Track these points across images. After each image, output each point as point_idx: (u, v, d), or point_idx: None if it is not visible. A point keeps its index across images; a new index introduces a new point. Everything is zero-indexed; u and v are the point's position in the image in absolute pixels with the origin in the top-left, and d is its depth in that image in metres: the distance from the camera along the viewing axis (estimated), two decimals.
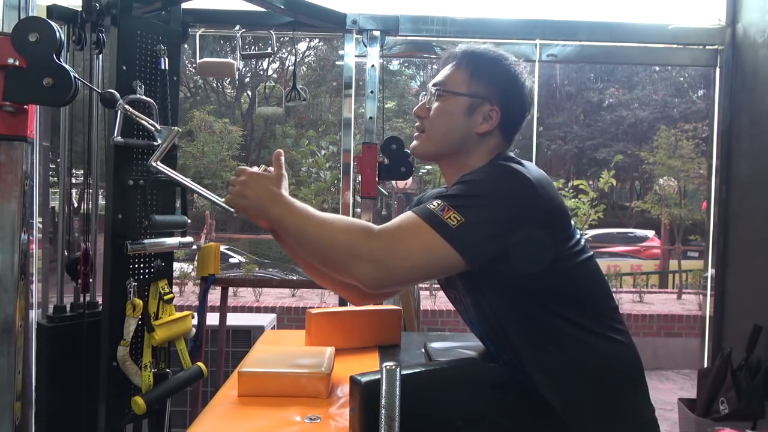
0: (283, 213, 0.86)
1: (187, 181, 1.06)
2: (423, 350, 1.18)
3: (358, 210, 2.27)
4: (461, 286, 0.92)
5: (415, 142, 0.97)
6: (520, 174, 0.81)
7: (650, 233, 11.10)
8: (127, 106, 1.23)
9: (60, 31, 1.03)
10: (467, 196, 0.79)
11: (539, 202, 0.80)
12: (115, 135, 1.38)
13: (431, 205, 0.79)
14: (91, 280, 1.59)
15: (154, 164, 1.04)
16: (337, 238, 0.80)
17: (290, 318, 4.34)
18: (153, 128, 1.20)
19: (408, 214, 0.81)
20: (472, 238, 0.77)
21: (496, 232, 0.78)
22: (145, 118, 1.24)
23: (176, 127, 1.18)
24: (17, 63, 0.97)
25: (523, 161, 0.88)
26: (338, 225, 0.82)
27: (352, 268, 0.79)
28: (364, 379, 0.73)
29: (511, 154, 0.94)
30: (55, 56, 1.00)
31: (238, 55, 2.03)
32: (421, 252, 0.77)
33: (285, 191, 0.90)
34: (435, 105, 0.93)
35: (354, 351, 1.25)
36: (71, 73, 1.01)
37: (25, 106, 0.99)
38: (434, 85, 0.95)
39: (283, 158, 0.97)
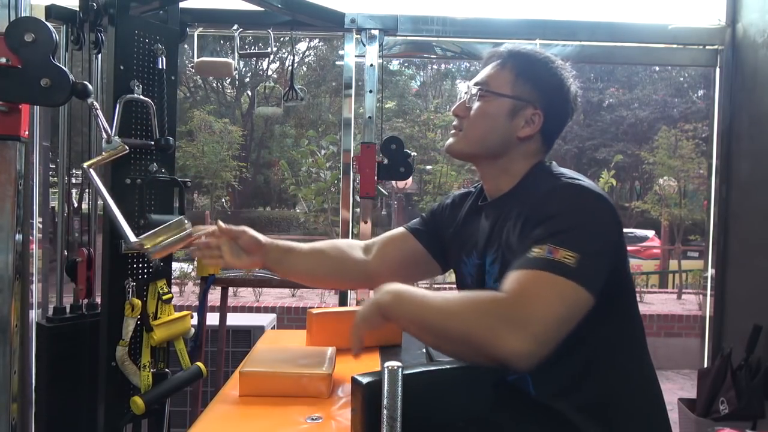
0: (396, 301, 0.77)
1: (110, 202, 1.02)
2: (424, 350, 1.18)
3: (358, 210, 2.26)
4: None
5: (450, 140, 0.93)
6: (596, 193, 0.79)
7: (650, 233, 11.11)
8: (95, 103, 1.22)
9: (54, 32, 1.03)
10: (567, 230, 0.74)
11: (618, 218, 0.80)
12: (113, 135, 1.37)
13: (534, 254, 0.73)
14: (93, 283, 1.58)
15: (86, 167, 1.02)
16: (467, 318, 0.71)
17: (290, 318, 4.34)
18: (106, 136, 1.19)
19: (519, 273, 0.73)
20: (591, 271, 0.73)
21: (606, 257, 0.76)
22: (105, 125, 1.22)
23: (125, 146, 1.15)
24: (10, 62, 0.97)
25: (574, 173, 0.86)
26: (463, 304, 0.73)
27: (496, 345, 0.68)
28: (365, 380, 0.73)
29: (554, 163, 0.92)
30: (51, 57, 1.00)
31: (236, 54, 2.02)
32: (558, 302, 0.70)
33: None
34: (476, 105, 0.90)
35: None
36: (68, 74, 1.00)
37: (18, 106, 0.98)
38: (476, 84, 0.92)
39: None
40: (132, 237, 0.93)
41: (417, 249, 1.06)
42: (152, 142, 1.49)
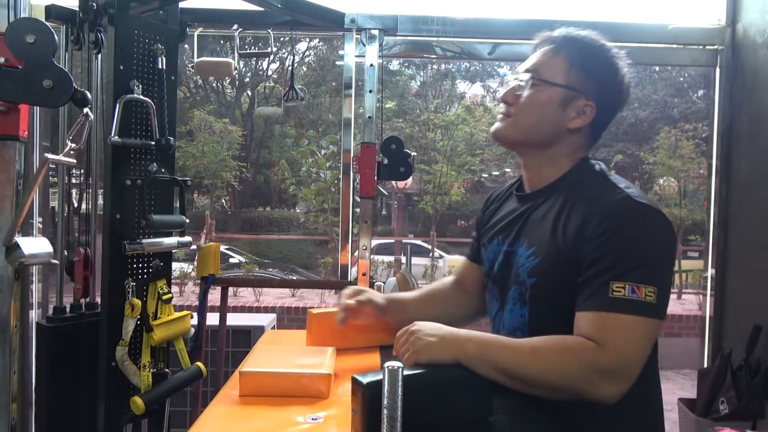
0: (478, 349, 0.78)
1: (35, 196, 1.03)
2: None
3: (358, 210, 2.26)
4: (526, 303, 0.87)
5: (498, 125, 0.91)
6: (660, 214, 0.80)
7: None
8: (90, 114, 1.23)
9: (55, 34, 1.03)
10: (646, 264, 0.76)
11: (675, 234, 0.82)
12: (113, 135, 1.37)
13: (615, 293, 0.75)
14: (90, 282, 1.58)
15: (49, 157, 1.02)
16: (564, 369, 0.75)
17: (290, 318, 4.34)
18: (69, 142, 1.18)
19: (606, 317, 0.75)
20: (666, 299, 0.78)
21: (672, 278, 0.83)
22: (83, 134, 1.23)
23: (49, 159, 1.14)
24: (9, 62, 0.97)
25: (619, 178, 0.86)
26: (559, 351, 0.76)
27: (594, 393, 0.74)
28: (366, 380, 0.73)
29: (600, 164, 0.90)
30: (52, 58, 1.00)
31: (236, 54, 2.02)
32: (646, 342, 0.76)
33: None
34: (526, 93, 0.87)
35: (355, 351, 1.25)
36: (70, 76, 1.00)
37: (17, 106, 0.98)
38: (527, 71, 0.89)
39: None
40: None
41: (480, 270, 1.06)
42: (152, 142, 1.49)
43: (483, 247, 0.99)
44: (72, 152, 1.10)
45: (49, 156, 1.01)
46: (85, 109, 1.18)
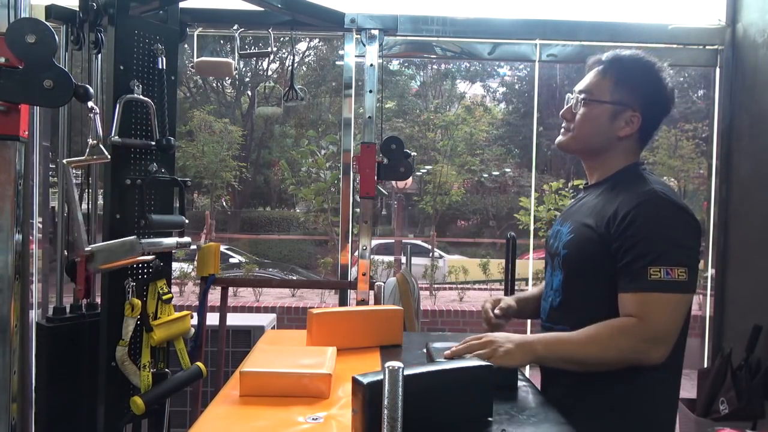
0: (546, 348, 0.94)
1: (77, 203, 1.02)
2: (424, 350, 1.17)
3: (358, 210, 2.26)
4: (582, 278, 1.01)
5: (561, 138, 1.09)
6: (684, 208, 0.95)
7: None
8: (95, 107, 1.23)
9: (54, 34, 1.02)
10: (676, 248, 0.91)
11: (699, 224, 0.95)
12: (113, 135, 1.37)
13: (654, 275, 0.90)
14: (91, 283, 1.58)
15: (65, 163, 1.02)
16: (615, 347, 0.91)
17: (290, 318, 4.34)
18: (95, 140, 1.19)
19: (650, 296, 0.90)
20: (695, 276, 0.92)
21: (698, 254, 0.94)
22: (98, 126, 1.23)
23: (107, 154, 1.18)
24: (9, 62, 0.96)
25: (660, 182, 0.99)
26: (609, 333, 0.92)
27: (645, 359, 0.91)
28: (366, 380, 0.73)
29: (646, 168, 1.05)
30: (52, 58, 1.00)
31: (237, 54, 2.02)
32: (681, 312, 0.92)
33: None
34: (581, 111, 1.04)
35: (355, 351, 1.25)
36: (70, 76, 1.00)
37: (17, 106, 0.98)
38: (581, 92, 1.05)
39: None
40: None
41: None
42: (152, 143, 1.49)
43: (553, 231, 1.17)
44: (93, 157, 1.09)
45: (70, 160, 1.01)
46: (90, 103, 1.19)
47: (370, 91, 2.13)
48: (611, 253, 0.95)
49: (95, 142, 1.21)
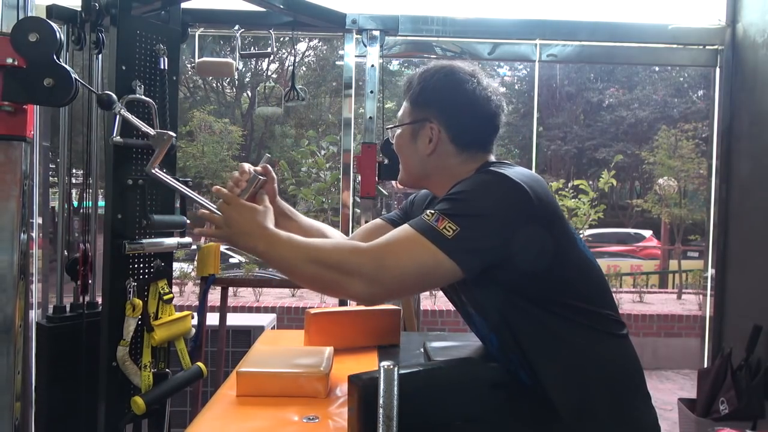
0: (267, 246, 0.85)
1: (183, 188, 1.04)
2: (422, 350, 1.18)
3: (358, 210, 2.27)
4: (461, 291, 0.92)
5: (399, 174, 1.00)
6: (509, 179, 0.80)
7: (647, 233, 11.10)
8: (123, 110, 1.23)
9: (60, 32, 1.03)
10: (461, 206, 0.79)
11: (531, 204, 0.79)
12: (114, 135, 1.38)
13: (425, 216, 0.79)
14: (90, 281, 1.58)
15: (151, 171, 1.02)
16: (325, 261, 0.80)
17: (290, 318, 4.34)
18: (147, 133, 1.20)
19: (403, 227, 0.81)
20: (469, 248, 0.77)
21: (494, 240, 0.78)
22: (140, 122, 1.23)
23: (170, 132, 1.16)
24: (16, 63, 0.97)
25: (510, 164, 0.88)
26: (324, 249, 0.81)
27: (344, 288, 0.79)
28: (362, 379, 0.73)
29: (497, 161, 0.92)
30: (54, 56, 1.00)
31: (237, 54, 2.03)
32: (414, 263, 0.77)
33: (270, 224, 0.88)
34: (394, 140, 0.97)
35: (353, 351, 1.25)
36: (72, 74, 1.01)
37: (24, 106, 0.99)
38: (393, 123, 0.98)
39: (267, 193, 0.97)
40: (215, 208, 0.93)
41: None
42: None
43: None
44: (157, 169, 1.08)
45: (154, 171, 1.01)
46: (116, 108, 1.18)
47: (371, 92, 2.13)
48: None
49: (154, 132, 1.20)
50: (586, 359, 0.84)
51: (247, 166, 0.99)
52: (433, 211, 0.79)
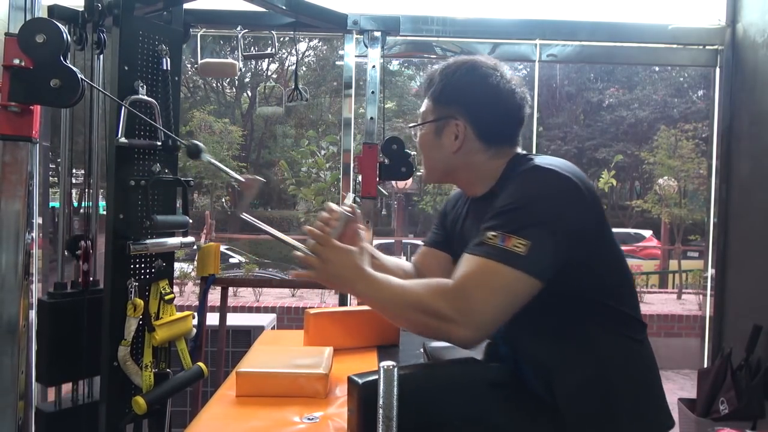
0: (365, 288, 0.85)
1: (275, 232, 1.03)
2: (422, 350, 1.18)
3: (358, 211, 2.26)
4: None
5: (422, 171, 1.00)
6: (558, 173, 0.79)
7: (647, 233, 11.10)
8: (209, 156, 1.23)
9: (66, 32, 1.03)
10: (522, 217, 0.76)
11: (584, 197, 0.78)
12: (119, 136, 1.38)
13: (488, 239, 0.76)
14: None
15: (242, 215, 1.01)
16: (424, 308, 0.78)
17: (290, 318, 4.34)
18: (235, 179, 1.19)
19: (471, 259, 0.77)
20: (543, 259, 0.75)
21: (562, 242, 0.76)
22: (226, 169, 1.24)
23: (259, 178, 1.15)
24: (23, 64, 0.97)
25: (547, 157, 0.86)
26: (421, 294, 0.79)
27: (444, 334, 0.77)
28: (361, 380, 0.73)
29: (528, 154, 0.91)
30: (61, 57, 1.00)
31: (240, 55, 2.03)
32: (501, 294, 0.74)
33: (367, 265, 0.87)
34: (416, 140, 0.97)
35: (353, 351, 1.25)
36: (78, 75, 1.01)
37: (30, 107, 0.99)
38: (415, 123, 0.97)
39: (364, 234, 0.96)
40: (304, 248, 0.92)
41: (448, 258, 1.07)
42: (158, 143, 1.50)
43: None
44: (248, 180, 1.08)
45: (245, 215, 1.01)
46: (206, 158, 1.20)
47: (372, 93, 2.13)
48: None
49: (243, 178, 1.18)
50: (610, 370, 0.82)
51: (334, 206, 0.99)
52: (494, 233, 0.76)
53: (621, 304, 0.85)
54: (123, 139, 1.37)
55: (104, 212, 1.48)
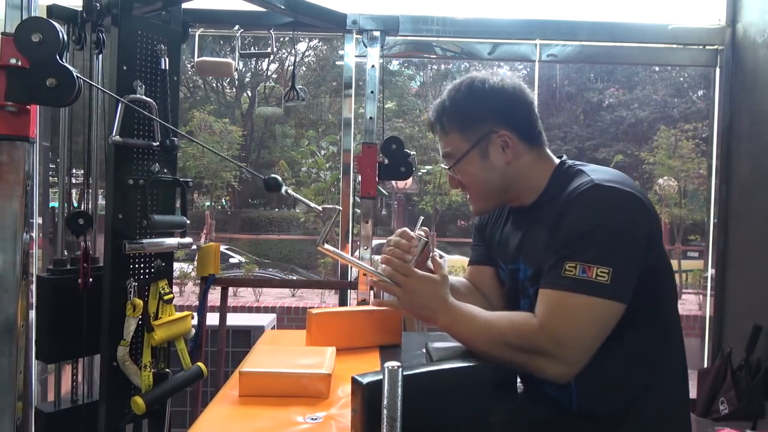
0: (450, 321, 0.84)
1: (355, 260, 1.04)
2: (424, 350, 1.18)
3: (358, 210, 2.27)
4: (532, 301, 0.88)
5: (473, 206, 0.98)
6: (627, 193, 0.79)
7: None
8: (291, 191, 1.24)
9: (63, 32, 1.03)
10: (600, 244, 0.75)
11: (650, 214, 0.80)
12: (114, 134, 1.38)
13: (567, 271, 0.75)
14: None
15: (321, 247, 0.99)
16: (510, 344, 0.78)
17: (290, 318, 4.34)
18: (316, 210, 1.18)
19: (555, 295, 0.77)
20: (626, 282, 0.75)
21: (638, 262, 0.77)
22: (308, 201, 1.23)
23: (338, 207, 1.14)
24: (20, 63, 0.97)
25: (598, 168, 0.86)
26: (505, 329, 0.79)
27: (537, 370, 0.77)
28: (366, 380, 0.73)
29: (574, 163, 0.90)
30: (57, 56, 1.00)
31: (237, 54, 2.03)
32: (592, 327, 0.75)
33: (449, 295, 0.87)
34: (461, 176, 0.93)
35: (355, 351, 1.25)
36: (74, 74, 1.01)
37: (27, 106, 0.99)
38: (445, 163, 0.94)
39: (444, 260, 0.95)
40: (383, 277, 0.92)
41: (494, 272, 1.04)
42: (155, 143, 1.49)
43: (501, 268, 1.02)
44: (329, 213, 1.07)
45: (324, 246, 0.99)
46: (284, 189, 1.21)
47: (372, 93, 2.13)
48: None
49: (321, 208, 1.17)
50: (656, 389, 0.83)
51: (409, 231, 0.97)
52: (573, 263, 0.75)
53: (672, 312, 0.86)
54: (117, 137, 1.37)
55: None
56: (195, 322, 1.70)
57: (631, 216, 0.78)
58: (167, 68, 1.51)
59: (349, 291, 2.24)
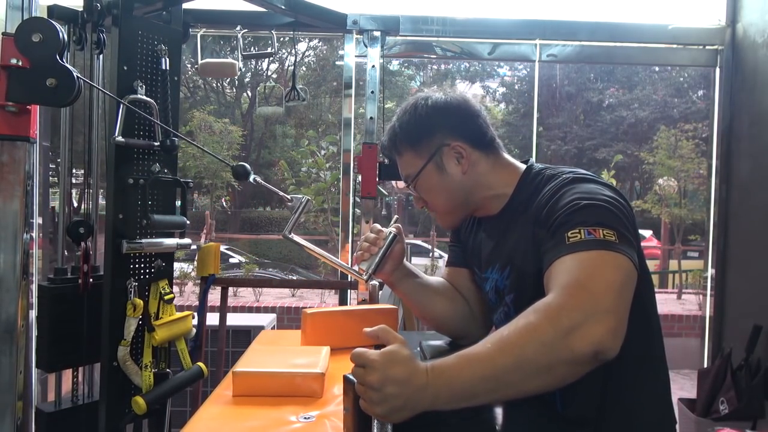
0: (450, 393, 0.64)
1: (318, 250, 1.05)
2: (418, 349, 1.18)
3: (358, 210, 2.27)
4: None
5: (440, 221, 0.97)
6: (610, 185, 0.80)
7: (647, 233, 11.11)
8: (258, 179, 1.24)
9: (63, 32, 1.03)
10: (597, 211, 0.72)
11: (632, 211, 0.79)
12: (116, 135, 1.38)
13: (574, 237, 0.70)
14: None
15: (287, 235, 1.01)
16: (538, 341, 0.62)
17: (290, 318, 4.34)
18: (285, 199, 1.18)
19: (565, 259, 0.69)
20: (631, 248, 0.71)
21: (636, 241, 0.74)
22: (276, 189, 1.24)
23: (307, 196, 1.15)
24: (20, 63, 0.97)
25: (573, 168, 0.86)
26: (520, 333, 0.63)
27: (585, 348, 0.61)
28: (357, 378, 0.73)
29: (544, 165, 0.90)
30: (58, 56, 1.00)
31: (239, 55, 2.03)
32: (616, 271, 0.67)
33: (416, 360, 0.70)
34: (421, 193, 0.93)
35: (350, 350, 1.25)
36: (74, 74, 1.01)
37: (27, 107, 0.99)
38: (406, 184, 0.94)
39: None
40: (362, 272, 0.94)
41: (473, 276, 1.02)
42: (156, 143, 1.50)
43: (476, 275, 1.00)
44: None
45: (291, 235, 1.01)
46: (252, 178, 1.21)
47: (372, 93, 2.13)
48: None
49: (290, 197, 1.16)
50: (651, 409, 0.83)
51: (379, 226, 0.99)
52: (575, 230, 0.70)
53: (653, 323, 0.85)
54: (120, 138, 1.37)
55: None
56: (195, 322, 1.71)
57: (621, 199, 0.77)
58: (168, 68, 1.51)
59: (349, 291, 2.25)
